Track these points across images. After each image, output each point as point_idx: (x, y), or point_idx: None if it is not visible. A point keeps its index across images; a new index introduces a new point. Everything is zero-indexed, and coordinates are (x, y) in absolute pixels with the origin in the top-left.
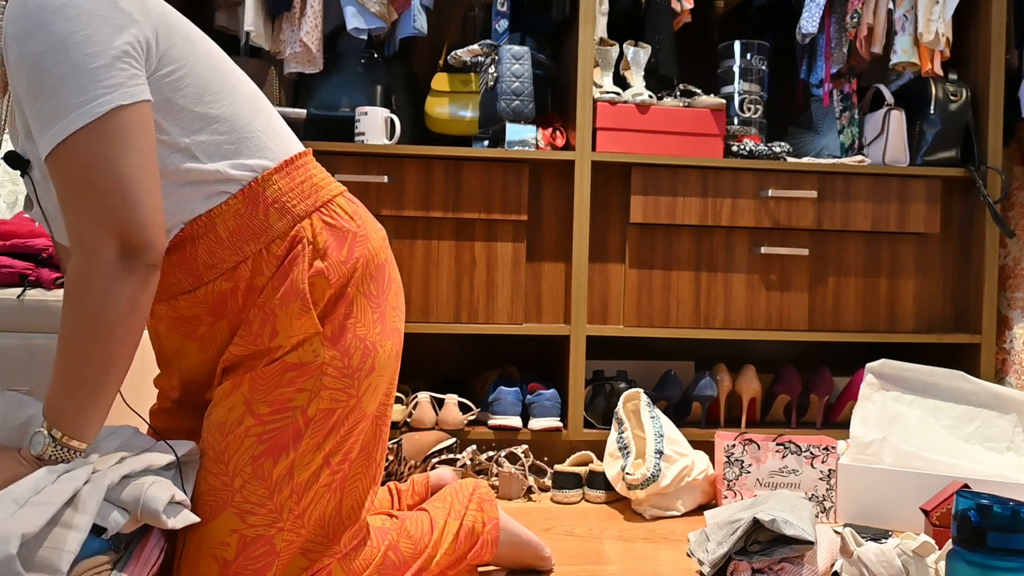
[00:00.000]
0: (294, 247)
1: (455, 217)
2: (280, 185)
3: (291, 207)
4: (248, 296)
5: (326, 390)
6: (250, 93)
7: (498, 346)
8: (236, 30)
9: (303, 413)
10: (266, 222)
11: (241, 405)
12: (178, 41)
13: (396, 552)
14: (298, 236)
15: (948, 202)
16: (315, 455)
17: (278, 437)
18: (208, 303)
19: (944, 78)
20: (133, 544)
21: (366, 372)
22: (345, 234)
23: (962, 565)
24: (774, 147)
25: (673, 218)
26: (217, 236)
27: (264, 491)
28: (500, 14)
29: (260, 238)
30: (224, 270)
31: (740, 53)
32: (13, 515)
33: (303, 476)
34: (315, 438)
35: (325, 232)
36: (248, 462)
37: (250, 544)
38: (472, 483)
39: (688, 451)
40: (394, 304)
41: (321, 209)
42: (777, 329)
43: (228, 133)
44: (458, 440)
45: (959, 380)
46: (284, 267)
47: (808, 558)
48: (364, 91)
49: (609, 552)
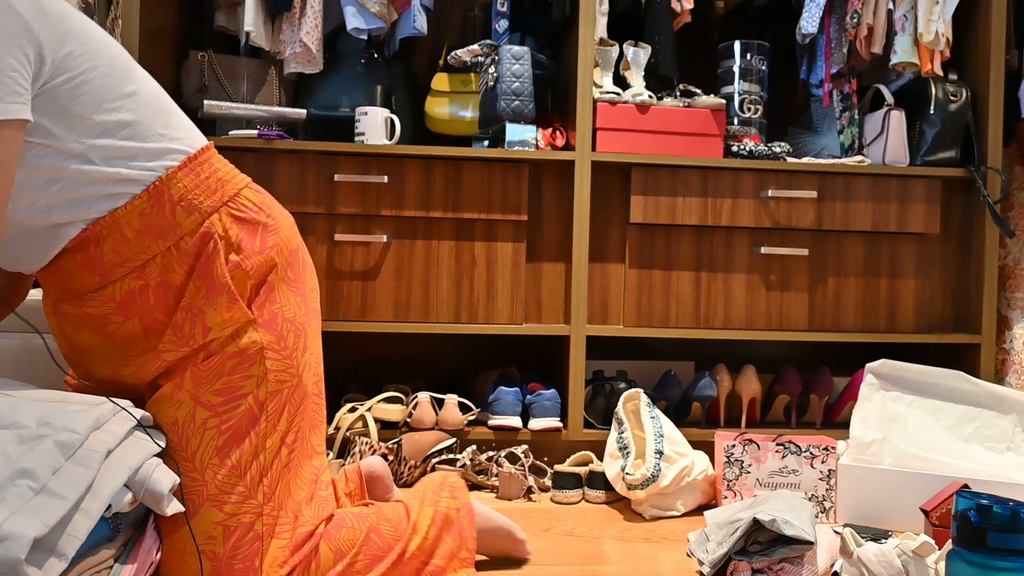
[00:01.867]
0: (206, 243)
1: (455, 217)
2: (185, 183)
3: (198, 204)
4: (160, 293)
5: (271, 372)
6: (151, 94)
7: (498, 346)
8: (236, 30)
9: (255, 398)
10: (173, 220)
11: (189, 401)
12: (75, 48)
13: (378, 535)
14: (208, 232)
15: (948, 202)
16: (273, 436)
17: (237, 424)
18: (116, 301)
19: (944, 78)
20: (132, 539)
21: (300, 351)
22: (255, 226)
23: (962, 565)
24: (774, 147)
25: (673, 218)
26: (123, 235)
27: (235, 478)
28: (500, 14)
29: (168, 236)
30: (132, 268)
31: (740, 53)
32: (27, 504)
33: (267, 457)
34: (270, 420)
35: (235, 226)
36: (213, 453)
37: (233, 533)
38: (441, 475)
39: (688, 451)
40: (311, 286)
41: (228, 204)
42: (777, 329)
43: (129, 138)
44: (458, 440)
45: (959, 380)
46: (201, 264)
47: (808, 558)
48: (364, 91)
49: (609, 552)
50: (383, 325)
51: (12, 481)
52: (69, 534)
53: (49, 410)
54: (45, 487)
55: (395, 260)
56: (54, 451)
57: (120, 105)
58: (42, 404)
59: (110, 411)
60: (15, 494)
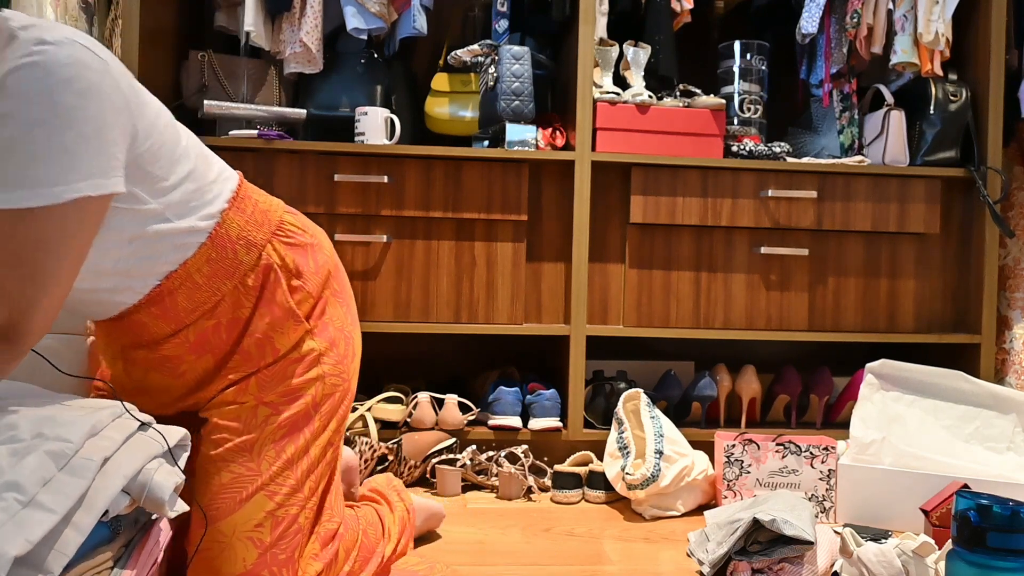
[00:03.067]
0: (268, 275)
1: (455, 217)
2: (238, 221)
3: (252, 239)
4: (231, 328)
5: (327, 376)
6: (193, 143)
7: (498, 346)
8: (236, 30)
9: (312, 398)
10: (236, 259)
11: (252, 401)
12: (149, 112)
13: (366, 538)
14: (268, 264)
15: (948, 202)
16: (323, 435)
17: (293, 421)
18: (191, 342)
19: (944, 78)
20: (134, 542)
21: (350, 358)
22: (305, 248)
23: (962, 565)
24: (774, 147)
25: (673, 218)
26: (194, 283)
27: (287, 471)
28: (500, 14)
29: (234, 275)
30: (205, 310)
31: (740, 53)
32: (12, 518)
33: (315, 453)
34: (322, 420)
35: (289, 252)
36: (271, 447)
37: (280, 523)
38: (386, 477)
39: (688, 451)
40: (351, 294)
41: (276, 232)
42: (777, 329)
43: (193, 190)
44: (458, 440)
45: (959, 380)
46: (265, 296)
47: (808, 558)
48: (364, 91)
49: (609, 552)
50: (383, 325)
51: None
52: (58, 550)
53: (44, 418)
54: (33, 500)
55: (395, 260)
56: (45, 461)
57: (179, 159)
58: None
59: (109, 416)
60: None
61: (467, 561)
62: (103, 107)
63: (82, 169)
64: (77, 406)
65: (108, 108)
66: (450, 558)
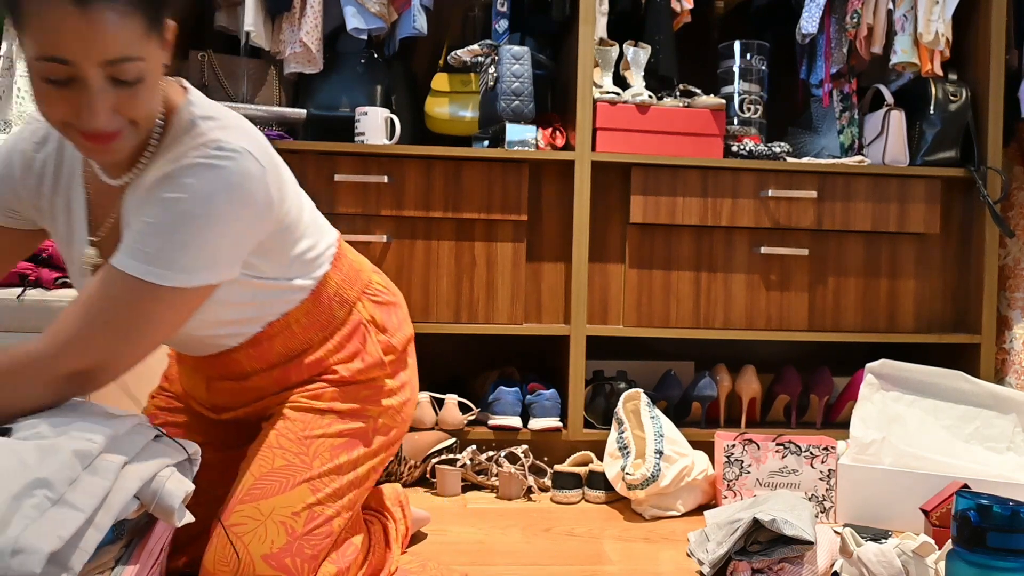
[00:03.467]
0: (356, 329)
1: (455, 217)
2: (336, 280)
3: (345, 295)
4: (312, 367)
5: (391, 409)
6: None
7: (498, 346)
8: (236, 30)
9: (374, 421)
10: (331, 313)
11: (323, 403)
12: (286, 201)
13: (375, 555)
14: (358, 320)
15: (948, 202)
16: (372, 459)
17: (352, 434)
18: (274, 377)
19: (944, 78)
20: (135, 542)
21: (412, 405)
22: (389, 307)
23: (962, 565)
24: (774, 147)
25: (673, 218)
26: (292, 332)
27: (335, 475)
28: (500, 14)
29: (327, 327)
30: (295, 355)
31: (740, 53)
32: (44, 515)
33: (362, 471)
34: (375, 445)
35: (377, 310)
36: (327, 448)
37: (315, 519)
38: (393, 488)
39: (688, 451)
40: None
41: (366, 291)
42: (777, 329)
43: (306, 259)
44: (458, 440)
45: (959, 380)
46: (355, 347)
47: (808, 558)
48: (364, 91)
49: (609, 552)
50: None
51: (29, 491)
52: (81, 548)
53: (66, 419)
54: (62, 498)
55: (395, 260)
56: (72, 460)
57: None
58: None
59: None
60: (32, 505)
61: (467, 561)
62: (252, 217)
63: (216, 266)
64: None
65: (255, 218)
66: (450, 558)
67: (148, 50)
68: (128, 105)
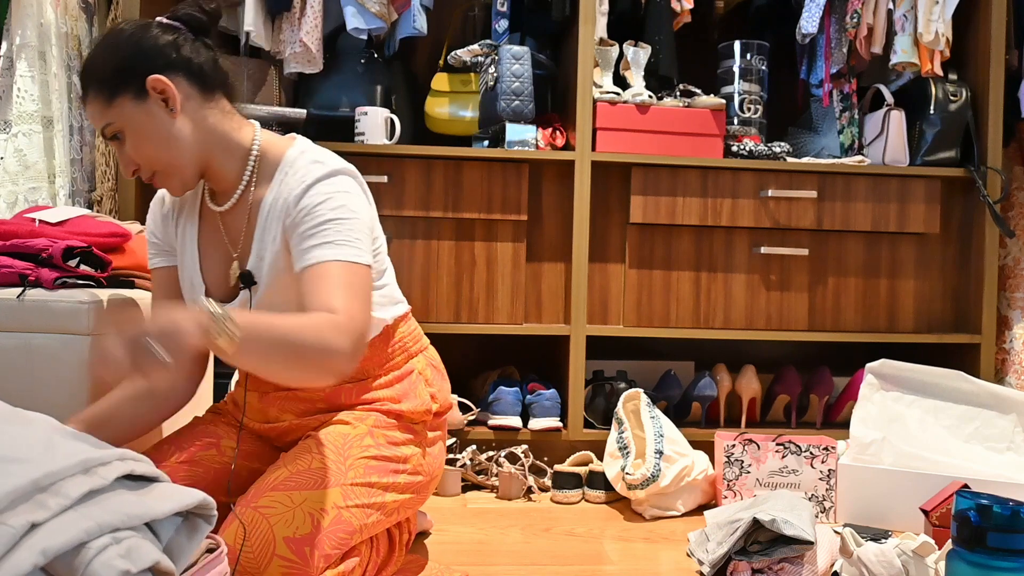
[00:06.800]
0: (410, 375)
1: (455, 217)
2: (403, 330)
3: (407, 347)
4: (362, 394)
5: (424, 456)
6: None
7: (498, 346)
8: (236, 30)
9: (406, 458)
10: (392, 355)
11: (365, 427)
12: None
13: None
14: (412, 368)
15: (948, 202)
16: (400, 494)
17: (388, 462)
18: (326, 394)
19: (944, 78)
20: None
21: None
22: (440, 373)
23: (962, 565)
24: (774, 147)
25: (673, 218)
26: None
27: (367, 489)
28: (500, 14)
29: (385, 364)
30: (351, 380)
31: (740, 53)
32: None
33: (389, 500)
34: (405, 482)
35: (430, 369)
36: (363, 464)
37: (339, 523)
38: None
39: (688, 451)
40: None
41: (425, 353)
42: (777, 329)
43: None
44: (458, 440)
45: (959, 380)
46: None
47: (808, 558)
48: (364, 91)
49: (609, 552)
50: None
51: None
52: None
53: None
54: None
55: (395, 260)
56: None
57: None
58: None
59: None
60: None
61: (467, 561)
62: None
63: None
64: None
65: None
66: (450, 558)
67: (116, 114)
68: (134, 154)
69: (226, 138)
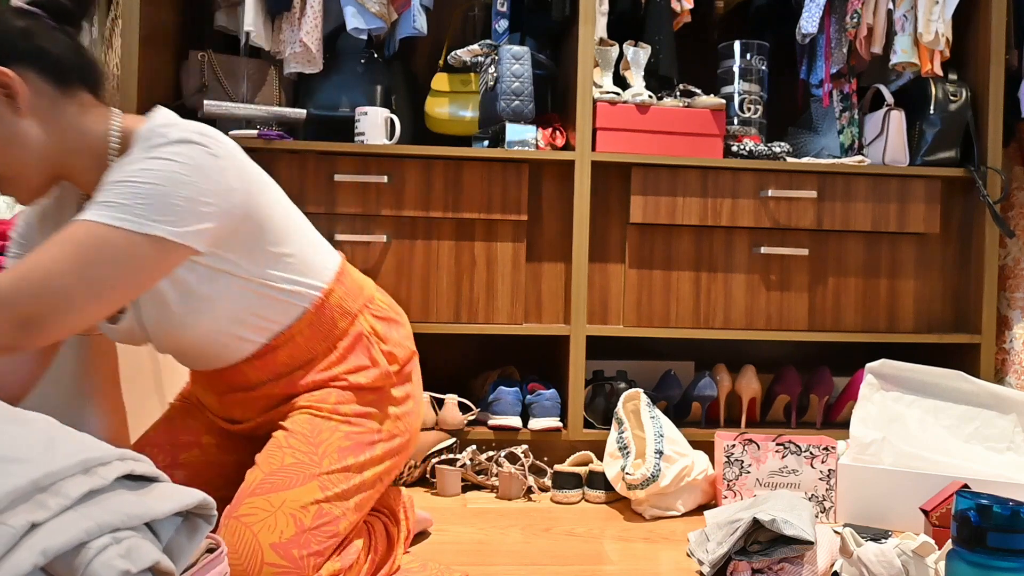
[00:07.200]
0: (359, 340)
1: (455, 217)
2: (339, 293)
3: (347, 308)
4: (317, 376)
5: (395, 418)
6: (304, 224)
7: (498, 346)
8: (236, 30)
9: (379, 429)
10: (333, 324)
11: (329, 405)
12: (263, 200)
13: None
14: (360, 332)
15: (948, 202)
16: (378, 465)
17: (361, 437)
18: (281, 386)
19: (944, 78)
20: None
21: (416, 421)
22: (390, 322)
23: (962, 565)
24: (774, 147)
25: (673, 218)
26: (296, 343)
27: (344, 475)
28: (500, 14)
29: (329, 337)
30: (300, 364)
31: (740, 53)
32: None
33: (368, 476)
34: (380, 452)
35: (378, 323)
36: (336, 449)
37: (322, 516)
38: (397, 490)
39: (688, 451)
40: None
41: (368, 305)
42: (777, 329)
43: (298, 264)
44: (458, 440)
45: (959, 380)
46: (359, 358)
47: (808, 558)
48: (364, 91)
49: (609, 552)
50: None
51: None
52: None
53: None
54: None
55: (395, 260)
56: None
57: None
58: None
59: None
60: None
61: (467, 561)
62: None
63: (168, 217)
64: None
65: (210, 189)
66: (450, 558)
67: None
68: None
69: (84, 136)
